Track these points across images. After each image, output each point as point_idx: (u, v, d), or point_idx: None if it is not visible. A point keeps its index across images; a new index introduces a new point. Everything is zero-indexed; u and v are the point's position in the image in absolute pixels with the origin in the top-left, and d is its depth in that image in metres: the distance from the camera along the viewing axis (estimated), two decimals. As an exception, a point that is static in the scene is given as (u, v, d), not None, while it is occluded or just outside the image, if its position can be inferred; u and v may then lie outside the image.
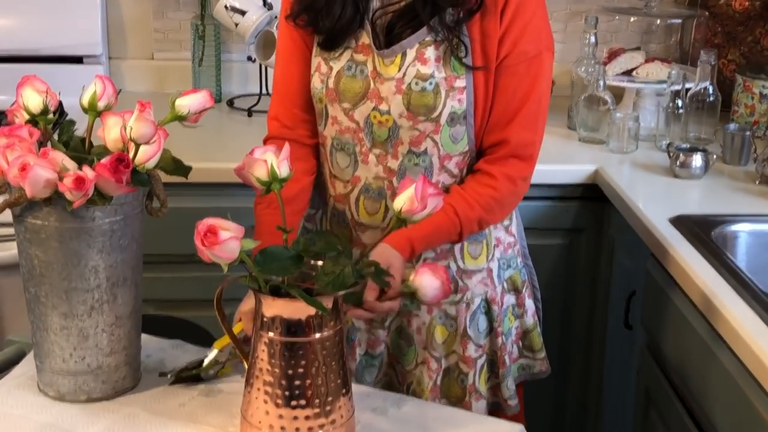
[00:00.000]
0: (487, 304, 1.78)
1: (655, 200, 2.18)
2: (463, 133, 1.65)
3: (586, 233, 2.44)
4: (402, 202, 1.33)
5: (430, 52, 1.61)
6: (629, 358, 2.20)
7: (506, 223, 1.80)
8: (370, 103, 1.64)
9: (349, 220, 1.74)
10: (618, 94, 2.68)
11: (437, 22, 1.59)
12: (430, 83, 1.60)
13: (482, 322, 1.78)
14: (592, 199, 2.39)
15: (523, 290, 1.83)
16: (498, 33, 1.60)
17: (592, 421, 2.51)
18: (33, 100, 1.43)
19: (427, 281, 1.39)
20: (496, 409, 1.83)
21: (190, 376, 1.52)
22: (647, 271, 2.03)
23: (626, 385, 2.22)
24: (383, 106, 1.63)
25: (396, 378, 1.82)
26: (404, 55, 1.61)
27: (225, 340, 1.54)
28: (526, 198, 2.36)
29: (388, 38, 1.63)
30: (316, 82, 1.68)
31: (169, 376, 1.52)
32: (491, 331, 1.79)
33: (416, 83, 1.61)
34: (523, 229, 1.88)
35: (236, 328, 1.55)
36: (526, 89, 1.63)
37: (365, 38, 1.64)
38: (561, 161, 2.45)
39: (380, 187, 1.68)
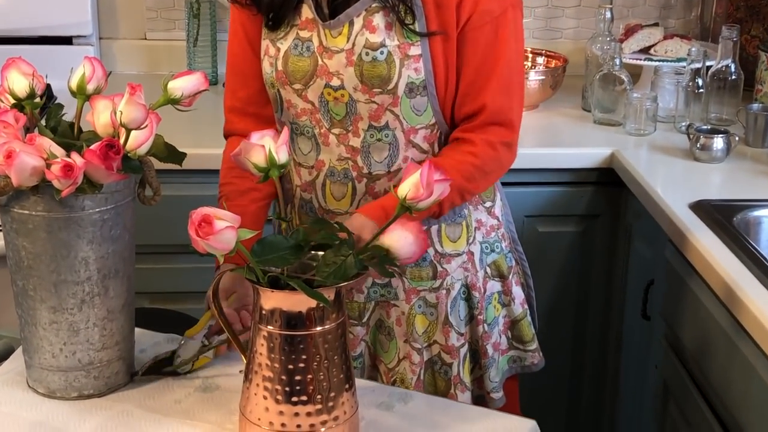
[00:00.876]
0: (468, 289, 1.76)
1: (674, 185, 2.18)
2: (426, 104, 1.62)
3: (601, 220, 2.44)
4: (407, 188, 1.33)
5: (379, 19, 1.58)
6: (647, 350, 2.20)
7: (488, 204, 1.78)
8: (321, 81, 1.62)
9: (316, 209, 1.73)
10: (635, 73, 2.68)
11: None
12: (381, 52, 1.58)
13: (462, 309, 1.77)
14: (608, 184, 2.39)
15: (510, 276, 1.81)
16: None
17: (608, 417, 2.51)
18: (19, 83, 1.43)
19: (397, 236, 1.33)
20: (480, 402, 1.80)
21: (163, 370, 1.52)
22: (666, 260, 2.03)
23: (644, 379, 2.23)
24: (335, 82, 1.61)
25: (381, 379, 1.79)
26: (351, 24, 1.59)
27: (197, 329, 1.55)
28: (537, 184, 2.38)
29: (333, 7, 1.61)
30: (266, 67, 1.67)
31: (139, 372, 1.52)
32: (472, 318, 1.78)
33: (366, 53, 1.59)
34: (509, 212, 1.86)
35: (204, 317, 1.56)
36: (496, 52, 1.61)
37: (308, 12, 1.63)
38: (575, 144, 2.45)
39: (345, 169, 1.67)
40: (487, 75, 1.61)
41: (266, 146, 1.34)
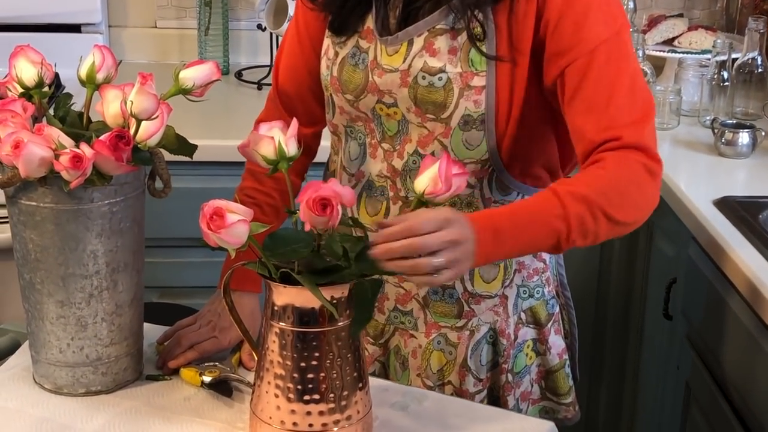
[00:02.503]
0: (495, 334, 1.65)
1: (698, 181, 2.17)
2: (481, 138, 1.51)
3: (622, 216, 2.42)
4: (425, 183, 1.32)
5: (442, 42, 1.49)
6: (669, 350, 2.20)
7: None
8: (373, 96, 1.55)
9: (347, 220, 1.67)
10: (658, 66, 2.67)
11: (457, 2, 1.46)
12: (440, 78, 1.49)
13: (486, 354, 1.66)
14: (630, 179, 2.38)
15: (549, 325, 1.69)
16: (531, 17, 1.44)
17: (628, 418, 2.51)
18: (27, 72, 1.43)
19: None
20: None
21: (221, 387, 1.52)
22: (689, 257, 2.03)
23: (665, 380, 2.22)
24: (387, 99, 1.54)
25: None
26: (410, 43, 1.50)
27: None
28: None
29: (399, 20, 1.52)
30: (323, 67, 1.62)
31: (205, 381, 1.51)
32: (495, 365, 1.67)
33: (423, 77, 1.49)
34: (561, 256, 1.72)
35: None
36: (611, 78, 1.43)
37: (370, 21, 1.55)
38: (596, 138, 2.44)
39: (383, 187, 1.59)
40: (605, 103, 1.43)
41: (276, 138, 1.33)
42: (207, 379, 1.50)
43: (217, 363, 1.54)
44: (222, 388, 1.49)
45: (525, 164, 1.56)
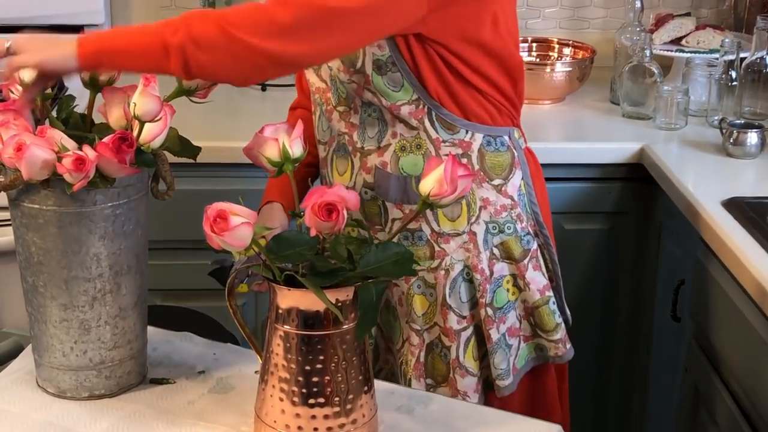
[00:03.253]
0: (470, 271, 1.75)
1: (706, 181, 2.16)
2: (401, 79, 1.65)
3: (629, 217, 2.43)
4: (430, 184, 1.33)
5: None
6: (677, 353, 2.19)
7: (497, 182, 1.74)
8: (325, 64, 1.71)
9: (327, 185, 1.79)
10: (666, 65, 2.66)
11: None
12: None
13: (464, 291, 1.76)
14: (637, 180, 2.38)
15: (525, 261, 1.78)
16: None
17: (637, 421, 2.50)
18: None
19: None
20: (491, 390, 1.79)
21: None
22: (697, 259, 2.02)
23: (673, 382, 2.22)
24: (333, 63, 1.68)
25: (395, 362, 1.82)
26: None
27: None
28: (563, 179, 2.38)
29: None
30: None
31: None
32: (475, 301, 1.76)
33: None
34: (533, 192, 1.81)
35: (241, 288, 1.57)
36: None
37: None
38: (603, 139, 2.44)
39: (344, 144, 1.74)
40: None
41: (280, 140, 1.34)
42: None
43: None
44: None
45: (460, 100, 1.68)
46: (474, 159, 1.73)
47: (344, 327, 1.31)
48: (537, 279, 1.79)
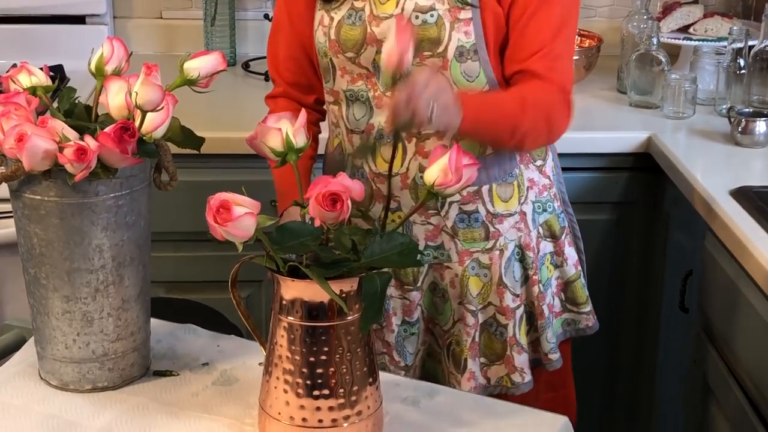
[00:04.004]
0: (521, 250, 1.82)
1: (715, 170, 2.16)
2: (478, 70, 1.69)
3: (637, 207, 2.42)
4: (435, 174, 1.32)
5: None
6: (685, 344, 2.19)
7: (539, 163, 1.84)
8: (372, 48, 1.70)
9: (367, 174, 1.79)
10: (673, 53, 2.66)
11: None
12: (431, 15, 1.66)
13: (517, 270, 1.83)
14: (645, 169, 2.38)
15: (562, 237, 1.88)
16: None
17: (645, 413, 2.50)
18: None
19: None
20: (537, 366, 1.87)
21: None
22: (705, 249, 2.02)
23: (682, 374, 2.22)
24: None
25: (436, 343, 1.87)
26: None
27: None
28: (569, 169, 2.37)
29: None
30: (319, 36, 1.75)
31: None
32: (527, 279, 1.84)
33: (416, 17, 1.67)
34: (561, 172, 1.92)
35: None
36: (540, 13, 1.66)
37: None
38: (610, 128, 2.44)
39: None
40: (532, 36, 1.67)
41: (283, 129, 1.34)
42: None
43: None
44: None
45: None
46: None
47: (349, 318, 1.31)
48: (572, 254, 1.90)
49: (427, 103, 1.44)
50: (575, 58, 2.61)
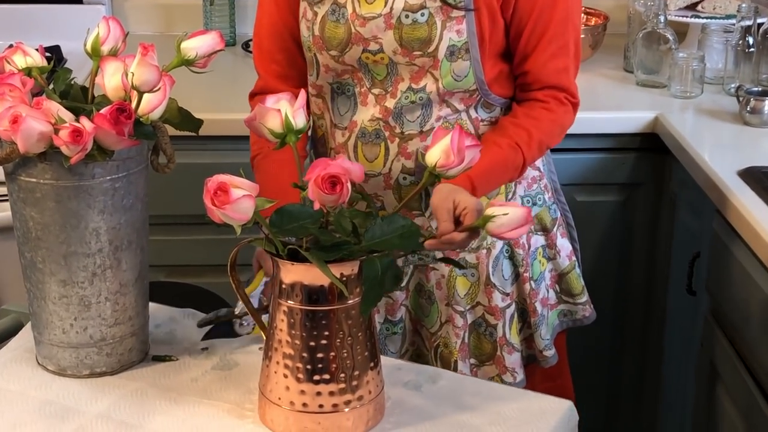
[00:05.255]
0: (510, 248, 1.80)
1: (723, 151, 2.16)
2: (467, 69, 1.66)
3: (644, 188, 2.42)
4: (437, 155, 1.32)
5: None
6: (692, 327, 2.19)
7: None
8: (358, 47, 1.67)
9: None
10: (681, 31, 2.65)
11: None
12: (422, 14, 1.62)
13: (507, 268, 1.80)
14: (651, 150, 2.37)
15: (554, 229, 1.85)
16: None
17: (651, 398, 2.50)
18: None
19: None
20: (532, 362, 1.86)
21: (221, 321, 1.55)
22: (713, 230, 2.02)
23: (689, 358, 2.22)
24: (372, 46, 1.66)
25: (423, 345, 1.84)
26: None
27: (253, 287, 1.56)
28: (574, 150, 2.36)
29: None
30: (303, 30, 1.72)
31: (198, 324, 1.56)
32: (518, 276, 1.81)
33: (406, 16, 1.63)
34: (552, 161, 1.89)
35: (258, 276, 1.57)
36: (548, 13, 1.65)
37: None
38: (616, 108, 2.43)
39: (377, 130, 1.70)
40: (538, 38, 1.66)
41: (282, 110, 1.33)
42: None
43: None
44: (221, 331, 1.53)
45: (503, 82, 1.71)
46: None
47: (349, 302, 1.31)
48: (565, 245, 1.87)
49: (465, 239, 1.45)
50: (581, 37, 2.59)
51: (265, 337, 1.38)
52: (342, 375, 1.32)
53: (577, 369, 2.11)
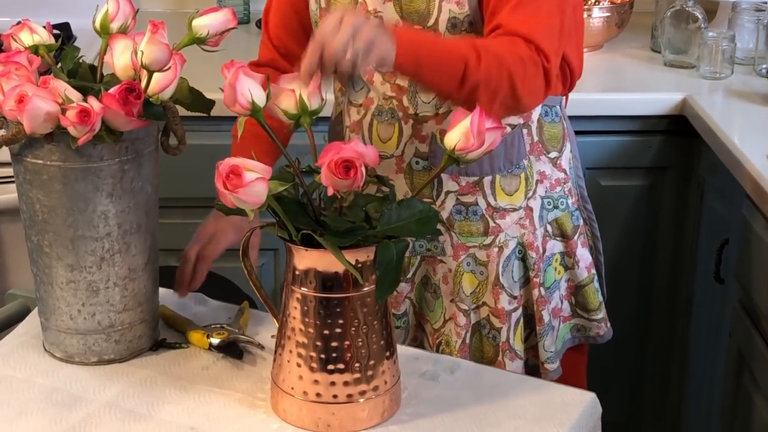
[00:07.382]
0: (524, 248, 1.75)
1: (753, 134, 2.14)
2: None
3: (671, 172, 2.41)
4: (456, 138, 1.31)
5: None
6: (720, 316, 2.18)
7: (553, 154, 1.76)
8: None
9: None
10: (710, 10, 2.63)
11: None
12: None
13: (517, 270, 1.76)
14: (679, 133, 2.36)
15: (575, 237, 1.79)
16: None
17: (676, 389, 2.50)
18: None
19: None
20: (534, 373, 1.80)
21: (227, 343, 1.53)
22: (742, 217, 2.01)
23: (716, 347, 2.21)
24: (390, 17, 1.63)
25: (426, 341, 1.81)
26: None
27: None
28: (600, 132, 2.35)
29: None
30: (312, 4, 1.71)
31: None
32: (527, 281, 1.77)
33: None
34: (580, 165, 1.84)
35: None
36: None
37: None
38: (643, 89, 2.41)
39: (391, 108, 1.69)
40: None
41: (297, 91, 1.32)
42: (215, 341, 1.50)
43: (224, 325, 1.54)
44: (231, 350, 1.50)
45: None
46: (534, 130, 1.72)
47: (364, 289, 1.30)
48: (585, 256, 1.82)
49: (343, 45, 1.34)
50: (606, 15, 2.58)
51: (277, 325, 1.38)
52: (357, 364, 1.31)
53: (600, 359, 2.11)
